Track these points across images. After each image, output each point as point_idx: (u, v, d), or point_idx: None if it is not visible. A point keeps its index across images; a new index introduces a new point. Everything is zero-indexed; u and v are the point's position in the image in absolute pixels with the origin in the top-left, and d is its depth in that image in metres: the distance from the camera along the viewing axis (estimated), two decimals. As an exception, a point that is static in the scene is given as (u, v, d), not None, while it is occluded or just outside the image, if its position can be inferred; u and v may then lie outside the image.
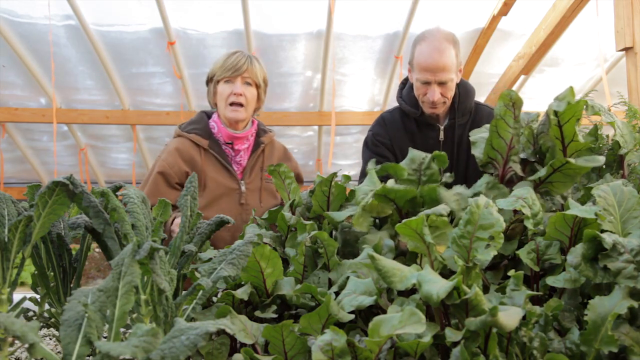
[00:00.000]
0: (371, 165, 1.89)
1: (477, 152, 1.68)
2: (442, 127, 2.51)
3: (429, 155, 1.72)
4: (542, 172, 1.52)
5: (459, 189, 1.64)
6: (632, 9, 4.11)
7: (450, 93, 2.44)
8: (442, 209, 1.41)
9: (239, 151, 2.58)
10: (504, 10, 5.76)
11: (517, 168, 1.60)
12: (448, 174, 1.83)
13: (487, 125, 1.70)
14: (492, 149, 1.61)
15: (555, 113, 1.50)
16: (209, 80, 2.60)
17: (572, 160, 1.48)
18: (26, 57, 6.11)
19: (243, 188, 2.54)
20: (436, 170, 1.70)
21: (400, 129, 2.54)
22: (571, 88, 1.53)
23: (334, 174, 1.71)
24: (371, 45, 6.29)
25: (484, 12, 5.96)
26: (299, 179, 2.75)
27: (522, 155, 1.65)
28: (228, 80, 2.50)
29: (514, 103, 1.56)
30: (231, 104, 2.50)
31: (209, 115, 2.66)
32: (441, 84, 2.39)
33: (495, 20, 5.95)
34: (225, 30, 6.00)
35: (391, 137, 2.53)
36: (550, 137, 1.57)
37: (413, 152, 1.76)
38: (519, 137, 1.60)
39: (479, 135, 1.71)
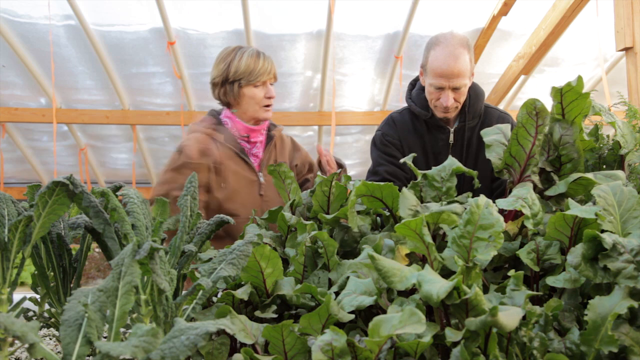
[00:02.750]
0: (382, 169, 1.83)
1: (493, 156, 1.63)
2: (452, 130, 2.49)
3: (453, 167, 1.66)
4: (560, 187, 1.50)
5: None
6: (632, 9, 4.12)
7: (463, 97, 2.42)
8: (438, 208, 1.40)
9: (255, 143, 2.64)
10: (504, 10, 5.76)
11: (535, 179, 1.55)
12: (466, 194, 1.79)
13: (498, 126, 1.69)
14: (509, 156, 1.58)
15: (561, 105, 1.48)
16: (226, 81, 2.55)
17: (591, 176, 1.46)
18: (26, 57, 6.11)
19: (262, 179, 2.58)
20: (453, 185, 1.64)
21: (410, 130, 2.53)
22: (579, 77, 1.52)
23: (335, 174, 1.71)
24: (371, 45, 6.28)
25: (484, 12, 5.96)
26: (312, 168, 2.78)
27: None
28: (259, 85, 2.56)
29: (538, 113, 1.52)
30: (264, 106, 2.60)
31: (218, 112, 2.68)
32: (455, 89, 2.36)
33: (495, 20, 5.95)
34: (225, 30, 6.00)
35: (401, 138, 2.52)
36: (577, 148, 1.52)
37: (449, 161, 1.68)
38: (541, 148, 1.56)
39: (492, 138, 1.66)
